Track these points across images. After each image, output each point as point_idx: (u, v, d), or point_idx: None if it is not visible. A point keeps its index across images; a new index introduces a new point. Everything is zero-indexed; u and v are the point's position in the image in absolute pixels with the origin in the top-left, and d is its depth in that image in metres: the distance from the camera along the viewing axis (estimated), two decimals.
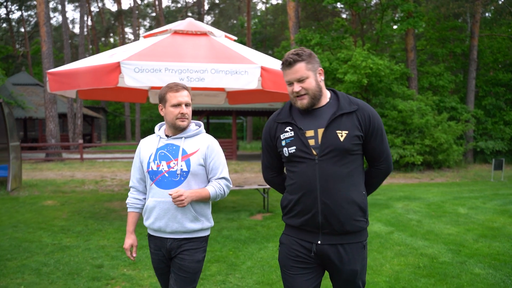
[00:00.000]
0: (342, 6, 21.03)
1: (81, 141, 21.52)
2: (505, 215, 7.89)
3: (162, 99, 2.68)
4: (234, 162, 19.46)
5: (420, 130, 15.64)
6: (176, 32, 7.73)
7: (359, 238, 2.35)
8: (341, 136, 2.28)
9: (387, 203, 9.07)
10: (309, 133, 2.33)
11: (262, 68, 6.35)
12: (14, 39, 52.02)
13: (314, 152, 2.30)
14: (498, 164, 13.51)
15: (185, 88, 2.68)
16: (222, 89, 9.80)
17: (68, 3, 48.94)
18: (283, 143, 2.39)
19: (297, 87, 2.31)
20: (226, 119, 40.75)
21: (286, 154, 2.38)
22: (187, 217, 2.61)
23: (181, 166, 2.61)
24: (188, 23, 8.08)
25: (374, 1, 19.83)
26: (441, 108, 18.00)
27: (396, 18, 18.30)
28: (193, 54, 6.80)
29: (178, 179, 2.61)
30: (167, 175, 2.62)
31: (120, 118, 48.92)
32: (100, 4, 52.23)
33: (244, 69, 6.33)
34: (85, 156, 20.97)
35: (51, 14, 51.59)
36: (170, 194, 2.49)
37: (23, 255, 5.40)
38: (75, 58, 38.20)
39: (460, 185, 12.33)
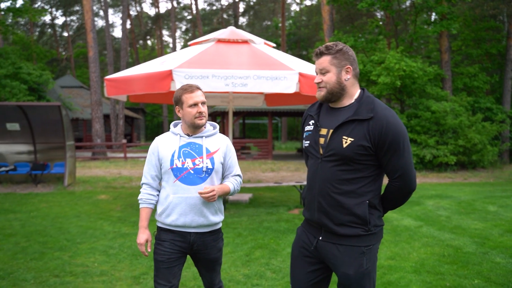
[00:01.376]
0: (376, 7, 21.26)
1: (124, 140, 22.68)
2: None
3: (179, 101, 2.78)
4: (270, 162, 20.08)
5: (454, 131, 15.82)
6: (219, 40, 8.42)
7: (356, 243, 2.29)
8: (345, 142, 2.23)
9: (418, 200, 9.47)
10: (323, 131, 2.34)
11: (300, 74, 6.95)
12: (58, 43, 54.41)
13: (321, 151, 2.33)
14: None
15: (198, 88, 2.79)
16: (260, 92, 10.41)
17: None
18: (304, 135, 2.47)
19: (317, 78, 2.35)
20: (260, 119, 41.43)
21: (303, 147, 2.49)
22: (210, 211, 2.78)
23: (207, 163, 2.75)
24: (230, 31, 8.77)
25: (408, 2, 20.02)
26: (476, 109, 18.05)
27: (430, 20, 18.47)
28: (237, 61, 7.46)
29: (203, 175, 2.75)
30: (192, 172, 2.73)
31: (157, 119, 50.44)
32: (138, 8, 53.97)
33: (283, 75, 6.95)
34: (128, 155, 22.08)
35: (96, 18, 53.71)
36: (200, 193, 2.66)
37: (90, 239, 6.20)
38: (116, 61, 39.74)
39: (494, 185, 12.52)
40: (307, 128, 2.44)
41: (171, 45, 59.18)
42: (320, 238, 2.36)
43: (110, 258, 5.30)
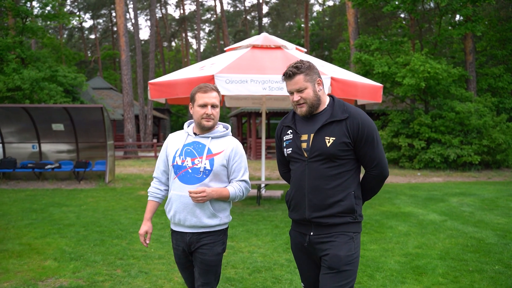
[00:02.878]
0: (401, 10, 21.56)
1: (155, 140, 23.53)
2: None
3: (192, 99, 2.79)
4: None
5: (478, 131, 16.09)
6: (254, 46, 9.02)
7: (346, 229, 2.51)
8: (328, 142, 2.46)
9: (442, 198, 9.89)
10: (304, 137, 2.55)
11: (332, 78, 7.49)
12: (86, 46, 56.00)
13: (305, 154, 2.53)
14: None
15: (214, 89, 2.77)
16: None
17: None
18: (284, 144, 2.66)
19: (296, 97, 2.52)
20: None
21: (285, 154, 2.66)
22: (205, 213, 2.74)
23: (205, 164, 2.72)
24: (264, 38, 9.35)
25: (432, 3, 20.25)
26: (501, 109, 18.24)
27: (454, 21, 18.71)
28: (272, 66, 8.03)
29: (200, 176, 2.73)
30: (190, 171, 2.73)
31: (182, 119, 51.39)
32: (163, 11, 55.10)
33: None
34: (157, 154, 22.91)
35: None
36: (190, 192, 2.64)
37: None
38: (146, 63, 40.73)
39: None
40: (286, 137, 2.64)
41: (193, 46, 60.30)
42: (311, 233, 2.54)
43: (164, 245, 5.93)
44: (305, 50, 9.79)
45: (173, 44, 61.73)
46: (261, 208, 8.63)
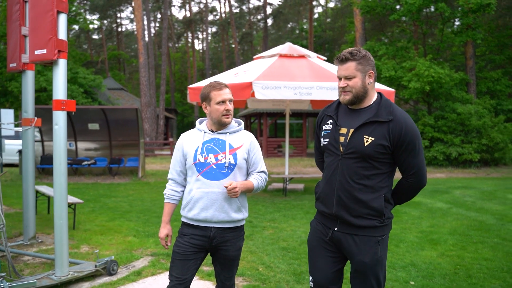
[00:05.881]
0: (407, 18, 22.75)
1: (171, 139, 24.65)
2: None
3: (206, 98, 2.79)
4: (306, 159, 21.80)
5: (478, 131, 17.34)
6: (281, 55, 10.18)
7: (372, 233, 2.44)
8: (366, 141, 2.37)
9: (446, 190, 11.09)
10: (343, 130, 2.46)
11: None
12: (91, 47, 57.06)
13: (341, 149, 2.45)
14: None
15: (226, 86, 2.81)
16: None
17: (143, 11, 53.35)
18: (322, 133, 2.59)
19: (343, 83, 2.42)
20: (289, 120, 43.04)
21: (321, 144, 2.60)
22: (232, 208, 2.77)
23: (229, 159, 2.75)
24: (289, 47, 10.53)
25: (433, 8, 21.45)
26: (499, 111, 19.50)
27: (455, 29, 19.94)
28: (300, 74, 9.20)
29: (226, 171, 2.74)
30: (215, 167, 2.73)
31: (188, 119, 52.58)
32: (168, 12, 56.17)
33: None
34: (169, 152, 24.11)
35: (126, 22, 56.31)
36: (226, 187, 2.65)
37: None
38: (157, 65, 41.70)
39: None
40: (325, 127, 2.57)
41: (196, 47, 61.31)
42: (336, 229, 2.51)
43: None
44: (325, 58, 10.95)
45: (177, 45, 62.88)
46: (288, 198, 9.80)
